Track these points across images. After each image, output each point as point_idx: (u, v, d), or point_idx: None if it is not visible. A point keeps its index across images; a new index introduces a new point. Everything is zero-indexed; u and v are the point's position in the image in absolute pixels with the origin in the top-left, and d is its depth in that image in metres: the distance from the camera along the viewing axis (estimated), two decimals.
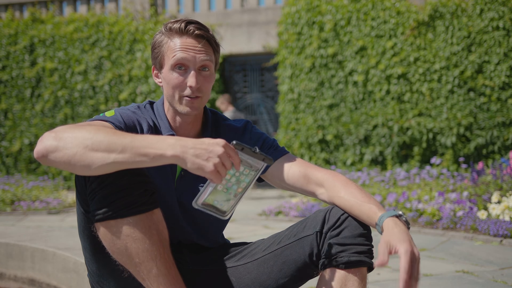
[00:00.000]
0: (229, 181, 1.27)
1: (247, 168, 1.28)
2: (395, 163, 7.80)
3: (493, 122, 7.36)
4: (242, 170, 1.28)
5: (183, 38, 1.50)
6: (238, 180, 1.28)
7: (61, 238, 4.06)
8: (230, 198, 1.28)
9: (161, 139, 1.25)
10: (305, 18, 8.54)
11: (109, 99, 9.72)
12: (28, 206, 6.21)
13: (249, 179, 1.29)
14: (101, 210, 1.31)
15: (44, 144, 1.26)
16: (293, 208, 5.34)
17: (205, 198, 1.27)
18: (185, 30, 1.49)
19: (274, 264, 1.48)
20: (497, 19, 7.48)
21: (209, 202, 1.27)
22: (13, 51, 10.19)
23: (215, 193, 1.27)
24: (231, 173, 1.27)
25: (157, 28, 9.54)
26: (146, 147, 1.23)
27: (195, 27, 1.50)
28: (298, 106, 8.59)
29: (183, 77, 1.50)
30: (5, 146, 10.12)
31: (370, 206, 1.38)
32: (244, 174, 1.28)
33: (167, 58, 1.51)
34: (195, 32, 1.49)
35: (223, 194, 1.28)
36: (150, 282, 1.33)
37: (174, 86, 1.50)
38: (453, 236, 3.81)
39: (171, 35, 1.51)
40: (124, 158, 1.23)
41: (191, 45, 1.49)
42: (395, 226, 1.31)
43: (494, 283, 2.52)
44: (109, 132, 1.27)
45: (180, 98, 1.51)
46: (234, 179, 1.28)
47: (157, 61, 1.55)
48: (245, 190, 1.29)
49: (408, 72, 7.96)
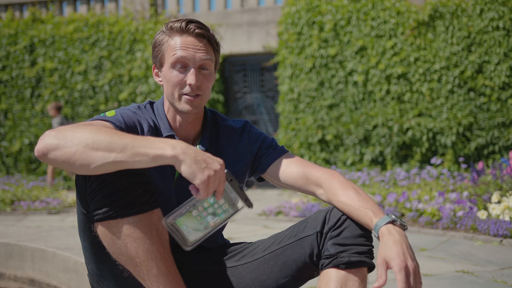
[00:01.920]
0: (205, 209, 1.26)
1: (227, 204, 1.27)
2: (395, 163, 7.80)
3: (493, 122, 7.36)
4: (221, 203, 1.27)
5: (184, 36, 1.50)
6: (214, 213, 1.27)
7: (61, 238, 4.06)
8: (199, 229, 1.27)
9: (163, 140, 1.26)
10: (305, 18, 8.54)
11: (109, 99, 9.72)
12: (28, 206, 6.21)
13: (224, 216, 1.28)
14: (101, 210, 1.31)
15: (45, 142, 1.26)
16: (293, 208, 5.34)
17: (176, 219, 1.25)
18: (186, 29, 1.50)
19: (275, 264, 1.48)
20: (497, 19, 7.48)
21: (179, 225, 1.26)
22: (13, 51, 10.19)
23: (188, 218, 1.26)
24: (211, 202, 1.26)
25: (157, 28, 9.54)
26: (146, 147, 1.23)
27: (196, 26, 1.51)
28: (298, 106, 8.59)
29: (183, 75, 1.50)
30: (5, 146, 10.12)
31: (366, 212, 1.38)
32: (222, 208, 1.27)
33: (168, 57, 1.51)
34: (196, 31, 1.50)
35: (195, 222, 1.26)
36: (150, 282, 1.33)
37: (174, 84, 1.51)
38: (453, 236, 3.81)
39: (171, 34, 1.52)
40: (124, 158, 1.23)
41: (191, 44, 1.50)
42: (390, 237, 1.32)
43: (494, 283, 2.52)
44: (109, 132, 1.27)
45: (179, 96, 1.51)
46: (211, 210, 1.27)
47: (157, 59, 1.56)
48: (216, 226, 1.28)
49: (408, 72, 7.96)
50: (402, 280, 1.25)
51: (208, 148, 1.60)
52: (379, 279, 1.26)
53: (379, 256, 1.31)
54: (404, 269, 1.26)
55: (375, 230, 1.35)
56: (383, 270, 1.28)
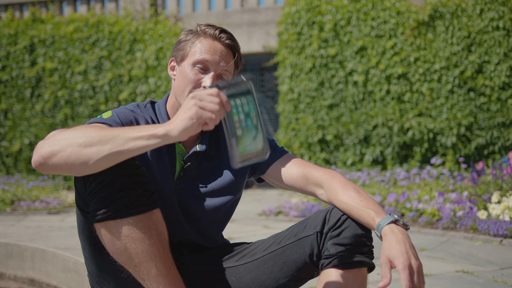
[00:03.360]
0: (240, 120, 1.23)
1: (243, 97, 1.24)
2: (395, 163, 7.80)
3: (493, 122, 7.36)
4: (240, 103, 1.23)
5: (215, 42, 1.53)
6: (247, 113, 1.24)
7: (61, 238, 4.06)
8: (254, 135, 1.24)
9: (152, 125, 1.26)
10: (305, 18, 8.54)
11: (109, 99, 9.72)
12: (28, 206, 6.21)
13: (252, 105, 1.24)
14: (100, 211, 1.31)
15: (39, 152, 1.27)
16: (293, 208, 5.34)
17: (238, 151, 1.22)
18: (218, 37, 1.53)
19: (274, 264, 1.48)
20: (497, 19, 7.48)
21: (244, 152, 1.23)
22: (13, 51, 10.19)
23: (241, 140, 1.23)
24: (234, 111, 1.23)
25: (157, 28, 9.54)
26: (138, 131, 1.24)
27: (228, 37, 1.54)
28: (298, 106, 8.59)
29: (201, 76, 1.51)
30: (5, 146, 10.11)
31: (368, 211, 1.38)
32: (245, 104, 1.24)
33: (192, 54, 1.52)
34: (226, 41, 1.53)
35: (246, 135, 1.23)
36: (149, 282, 1.33)
37: (189, 81, 1.51)
38: (453, 236, 3.81)
39: (203, 36, 1.54)
40: (118, 147, 1.23)
41: (219, 51, 1.52)
42: (392, 236, 1.32)
43: (494, 283, 2.52)
44: (99, 128, 1.29)
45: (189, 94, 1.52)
46: (243, 115, 1.23)
47: (179, 53, 1.56)
48: (259, 117, 1.24)
49: (408, 72, 7.96)
50: (406, 278, 1.25)
51: (208, 148, 1.60)
52: (384, 279, 1.26)
53: (382, 255, 1.31)
54: (408, 267, 1.26)
55: (378, 229, 1.35)
56: (387, 269, 1.28)
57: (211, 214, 1.58)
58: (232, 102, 1.23)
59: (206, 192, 1.57)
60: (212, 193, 1.58)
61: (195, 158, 1.58)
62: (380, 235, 1.35)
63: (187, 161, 1.56)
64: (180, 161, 1.57)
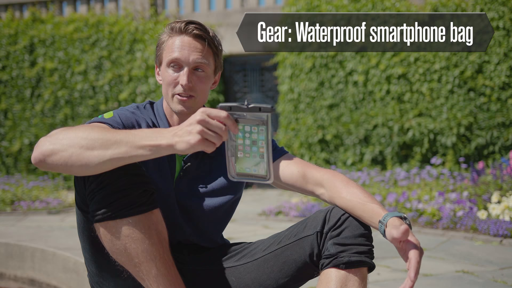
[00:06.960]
0: (244, 145, 1.23)
1: (254, 126, 1.21)
2: (395, 163, 7.80)
3: (493, 122, 7.36)
4: (249, 130, 1.22)
5: (182, 36, 1.52)
6: (254, 141, 1.23)
7: (61, 238, 4.06)
8: (258, 162, 1.23)
9: (155, 131, 1.25)
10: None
11: (109, 99, 9.71)
12: (28, 206, 6.21)
13: (264, 135, 1.22)
14: (100, 211, 1.30)
15: (40, 149, 1.26)
16: (293, 208, 5.34)
17: (235, 169, 1.23)
18: (184, 29, 1.51)
19: (274, 264, 1.48)
20: (497, 19, 7.48)
21: (242, 171, 1.24)
22: (13, 51, 10.19)
23: (241, 162, 1.24)
24: (240, 136, 1.22)
25: (157, 28, 9.54)
26: (141, 140, 1.23)
27: (195, 27, 1.52)
28: (298, 106, 8.59)
29: (177, 75, 1.51)
30: (5, 146, 10.11)
31: (373, 206, 1.38)
32: (254, 132, 1.22)
33: (165, 55, 1.53)
34: (193, 31, 1.51)
35: (248, 159, 1.24)
36: (149, 282, 1.33)
37: (168, 83, 1.52)
38: (453, 236, 3.81)
39: (172, 34, 1.54)
40: (120, 153, 1.23)
41: (187, 45, 1.51)
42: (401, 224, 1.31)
43: (494, 283, 2.52)
44: (103, 130, 1.27)
45: (172, 96, 1.52)
46: (248, 141, 1.23)
47: (157, 58, 1.59)
48: (267, 147, 1.22)
49: (408, 72, 7.96)
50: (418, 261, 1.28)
51: None
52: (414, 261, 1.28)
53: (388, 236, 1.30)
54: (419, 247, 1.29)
55: (384, 220, 1.33)
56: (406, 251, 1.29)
57: (211, 214, 1.58)
58: (241, 126, 1.23)
59: (206, 192, 1.57)
60: (212, 193, 1.58)
61: (195, 158, 1.57)
62: (385, 226, 1.32)
63: (187, 161, 1.56)
64: (180, 161, 1.57)
